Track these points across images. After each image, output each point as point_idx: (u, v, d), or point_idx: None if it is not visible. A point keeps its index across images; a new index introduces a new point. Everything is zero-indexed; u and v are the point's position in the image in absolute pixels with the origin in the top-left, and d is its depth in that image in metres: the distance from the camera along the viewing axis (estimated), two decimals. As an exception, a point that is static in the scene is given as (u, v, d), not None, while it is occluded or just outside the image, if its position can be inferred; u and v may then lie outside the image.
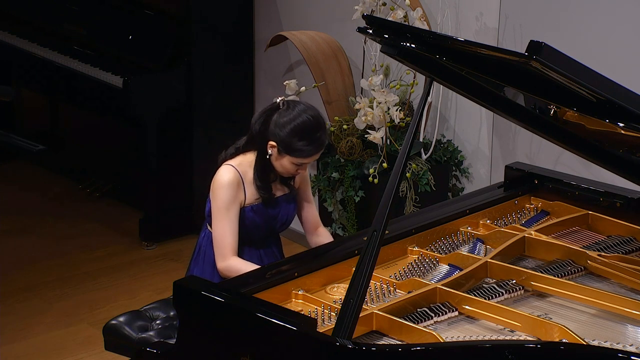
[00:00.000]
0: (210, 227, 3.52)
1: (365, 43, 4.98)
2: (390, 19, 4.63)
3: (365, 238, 2.86)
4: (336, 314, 2.84)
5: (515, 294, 3.07)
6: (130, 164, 5.94)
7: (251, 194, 3.47)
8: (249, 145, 3.49)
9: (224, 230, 3.41)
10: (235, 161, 3.47)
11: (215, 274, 3.49)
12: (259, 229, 3.50)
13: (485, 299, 3.00)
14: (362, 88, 4.89)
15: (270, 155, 3.41)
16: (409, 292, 3.03)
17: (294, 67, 5.58)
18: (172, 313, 3.58)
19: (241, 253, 3.48)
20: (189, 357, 2.96)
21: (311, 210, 3.66)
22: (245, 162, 3.47)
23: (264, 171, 3.45)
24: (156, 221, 5.65)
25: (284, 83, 4.79)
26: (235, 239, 3.43)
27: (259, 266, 3.40)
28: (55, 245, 5.59)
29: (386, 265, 3.30)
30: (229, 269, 3.40)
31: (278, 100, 3.43)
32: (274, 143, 3.39)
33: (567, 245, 3.31)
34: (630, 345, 2.76)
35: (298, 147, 3.37)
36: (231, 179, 3.42)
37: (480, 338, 2.83)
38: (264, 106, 3.51)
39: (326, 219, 4.94)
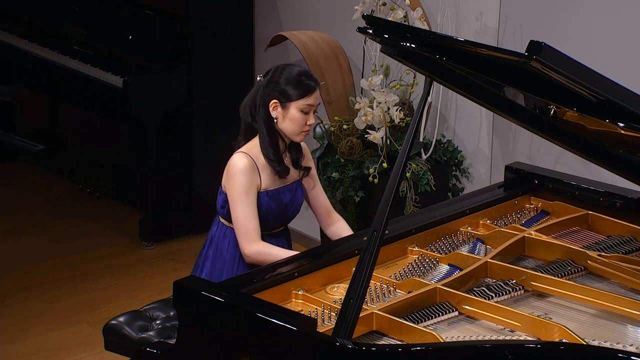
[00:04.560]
0: (224, 219, 3.54)
1: (365, 43, 4.98)
2: (390, 19, 4.63)
3: (365, 238, 2.86)
4: (336, 314, 2.84)
5: (515, 293, 3.07)
6: (130, 164, 5.94)
7: (265, 179, 3.50)
8: (248, 133, 3.54)
9: (246, 214, 3.44)
10: (245, 148, 3.52)
11: (227, 266, 3.50)
12: (274, 214, 3.53)
13: (485, 299, 3.00)
14: (362, 88, 4.89)
15: (276, 118, 3.46)
16: (409, 292, 3.03)
17: (294, 67, 5.57)
18: (172, 313, 3.58)
19: None
20: (189, 357, 2.96)
21: (320, 194, 3.69)
22: (254, 147, 3.51)
23: (272, 139, 3.48)
24: (156, 221, 5.65)
25: (284, 83, 4.78)
26: (258, 223, 3.46)
27: (285, 249, 3.45)
28: (55, 245, 5.59)
29: (386, 265, 3.30)
30: (259, 253, 3.43)
31: (258, 78, 3.53)
32: (274, 100, 3.46)
33: (567, 245, 3.31)
34: (630, 345, 2.76)
35: (298, 88, 3.44)
36: (246, 164, 3.45)
37: (480, 338, 2.83)
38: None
39: (326, 219, 4.94)
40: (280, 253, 3.39)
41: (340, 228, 3.68)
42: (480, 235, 3.46)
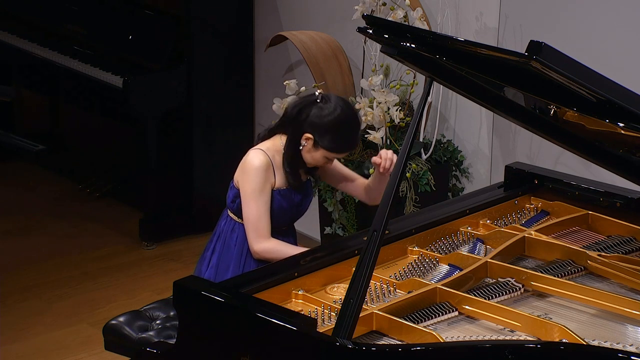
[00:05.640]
0: (233, 214, 3.55)
1: (365, 43, 4.97)
2: (390, 19, 4.63)
3: (365, 238, 2.86)
4: (336, 314, 2.84)
5: (515, 293, 3.07)
6: (130, 164, 5.94)
7: (280, 179, 3.51)
8: (279, 128, 3.52)
9: (259, 212, 3.44)
10: (263, 145, 3.51)
11: (234, 261, 3.51)
12: (285, 214, 3.54)
13: (485, 299, 3.00)
14: (362, 88, 4.89)
15: (303, 146, 3.44)
16: (409, 292, 3.03)
17: (294, 67, 5.58)
18: (172, 313, 3.58)
19: None
20: (189, 357, 2.96)
21: (356, 178, 3.67)
22: (273, 147, 3.51)
23: (293, 159, 3.48)
24: (156, 221, 5.65)
25: (284, 83, 4.79)
26: (269, 221, 3.46)
27: (296, 246, 3.46)
28: (55, 245, 5.59)
29: (386, 265, 3.30)
30: (268, 251, 3.43)
31: (317, 93, 3.46)
32: (310, 136, 3.42)
33: (567, 245, 3.31)
34: (630, 345, 2.76)
35: (335, 143, 3.42)
36: (262, 162, 3.45)
37: (480, 338, 2.83)
38: (266, 105, 3.55)
39: (326, 219, 4.94)
40: (290, 250, 3.40)
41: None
42: (480, 235, 3.46)
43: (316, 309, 3.01)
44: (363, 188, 3.66)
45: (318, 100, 3.43)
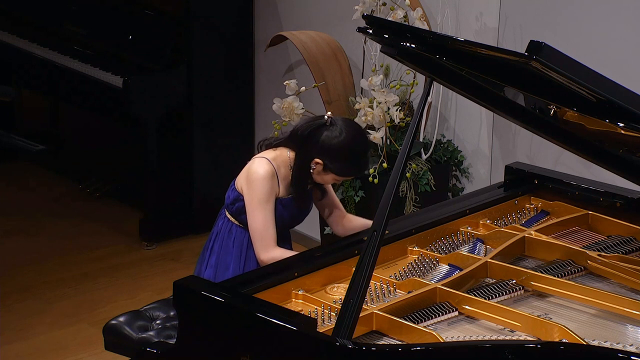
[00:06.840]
0: (231, 215, 3.55)
1: (365, 43, 4.98)
2: (390, 19, 4.63)
3: (365, 238, 2.86)
4: (336, 314, 2.85)
5: (515, 294, 3.07)
6: (130, 164, 5.94)
7: (283, 189, 3.51)
8: (287, 144, 3.52)
9: (266, 221, 3.44)
10: (268, 155, 3.51)
11: (233, 262, 3.51)
12: (284, 222, 3.54)
13: (485, 299, 3.00)
14: (362, 88, 4.89)
15: (313, 169, 3.46)
16: (409, 292, 3.04)
17: (294, 67, 5.58)
18: (172, 313, 3.58)
19: None
20: (189, 357, 2.96)
21: (340, 208, 3.71)
22: (279, 157, 3.51)
23: (301, 180, 3.50)
24: (156, 221, 5.65)
25: (284, 83, 4.79)
26: (275, 230, 3.47)
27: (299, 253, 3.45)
28: (55, 245, 5.59)
29: (386, 265, 3.30)
30: (276, 259, 3.42)
31: (326, 117, 3.46)
32: (319, 161, 3.43)
33: (567, 245, 3.32)
34: (630, 345, 2.76)
35: (344, 168, 3.45)
36: (268, 172, 3.45)
37: (480, 338, 2.83)
38: (266, 105, 3.55)
39: (326, 219, 4.94)
40: None
41: (352, 218, 3.71)
42: (480, 235, 3.46)
43: (316, 309, 3.01)
44: (341, 218, 3.68)
45: (327, 124, 3.44)
